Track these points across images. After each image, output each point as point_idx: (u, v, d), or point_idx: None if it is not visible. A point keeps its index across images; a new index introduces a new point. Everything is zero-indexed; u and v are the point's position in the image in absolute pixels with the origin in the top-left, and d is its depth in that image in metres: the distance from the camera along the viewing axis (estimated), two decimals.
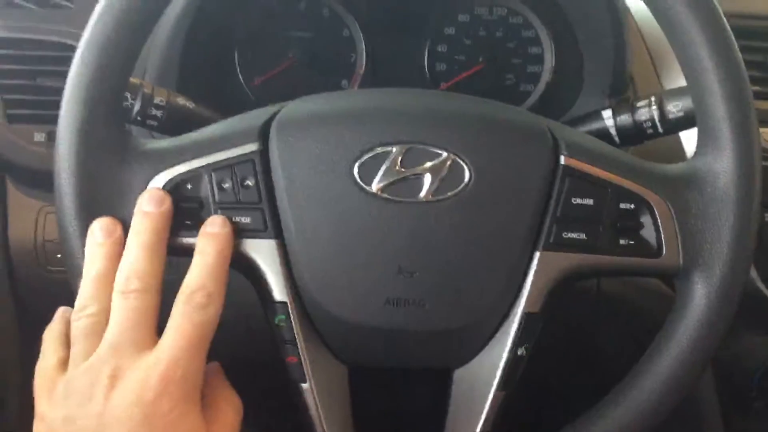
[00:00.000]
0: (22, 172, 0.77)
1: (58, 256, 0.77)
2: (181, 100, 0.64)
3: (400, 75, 0.83)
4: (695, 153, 0.53)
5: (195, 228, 0.50)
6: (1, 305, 0.79)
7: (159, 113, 0.62)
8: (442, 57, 0.83)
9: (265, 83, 0.82)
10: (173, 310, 0.47)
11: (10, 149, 0.75)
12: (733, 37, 0.51)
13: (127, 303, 0.47)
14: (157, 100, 0.62)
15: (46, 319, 0.52)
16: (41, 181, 0.69)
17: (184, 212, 0.50)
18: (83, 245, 0.50)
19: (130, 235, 0.49)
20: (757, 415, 0.89)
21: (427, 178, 0.50)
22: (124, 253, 0.48)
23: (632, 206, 0.52)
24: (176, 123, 0.63)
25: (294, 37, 0.82)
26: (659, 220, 0.51)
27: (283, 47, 0.82)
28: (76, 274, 0.50)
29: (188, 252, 0.49)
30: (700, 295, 0.51)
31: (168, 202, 0.49)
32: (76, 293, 0.49)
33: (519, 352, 0.51)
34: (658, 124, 0.61)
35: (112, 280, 0.48)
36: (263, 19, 0.82)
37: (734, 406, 0.87)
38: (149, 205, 0.49)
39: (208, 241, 0.49)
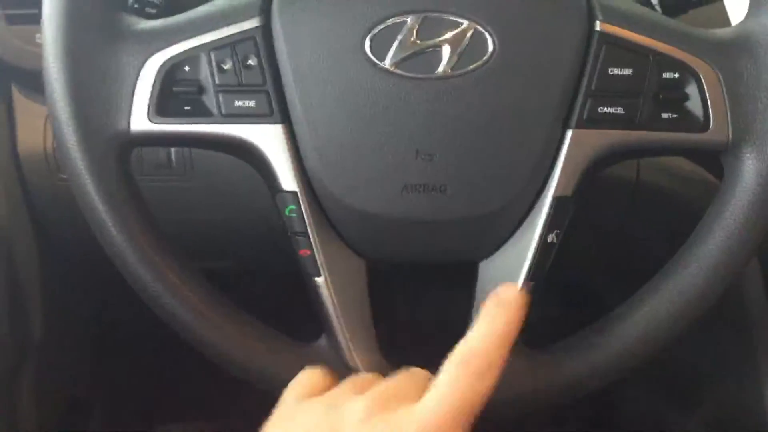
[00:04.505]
0: (26, 76, 0.73)
1: None
2: None
3: None
4: (747, 14, 0.48)
5: (194, 114, 0.46)
6: (17, 218, 0.77)
7: None
8: None
9: None
10: (445, 367, 0.40)
11: (13, 52, 0.71)
12: None
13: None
14: None
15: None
16: None
17: (183, 97, 0.47)
18: (77, 137, 0.46)
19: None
20: None
21: (446, 51, 0.46)
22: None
23: (676, 75, 0.47)
24: (180, 8, 0.58)
25: None
26: (706, 90, 0.46)
27: None
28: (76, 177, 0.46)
29: (186, 141, 0.46)
30: (750, 172, 0.47)
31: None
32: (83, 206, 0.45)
33: (549, 239, 0.47)
34: None
35: None
36: None
37: None
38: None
39: (501, 309, 0.42)
